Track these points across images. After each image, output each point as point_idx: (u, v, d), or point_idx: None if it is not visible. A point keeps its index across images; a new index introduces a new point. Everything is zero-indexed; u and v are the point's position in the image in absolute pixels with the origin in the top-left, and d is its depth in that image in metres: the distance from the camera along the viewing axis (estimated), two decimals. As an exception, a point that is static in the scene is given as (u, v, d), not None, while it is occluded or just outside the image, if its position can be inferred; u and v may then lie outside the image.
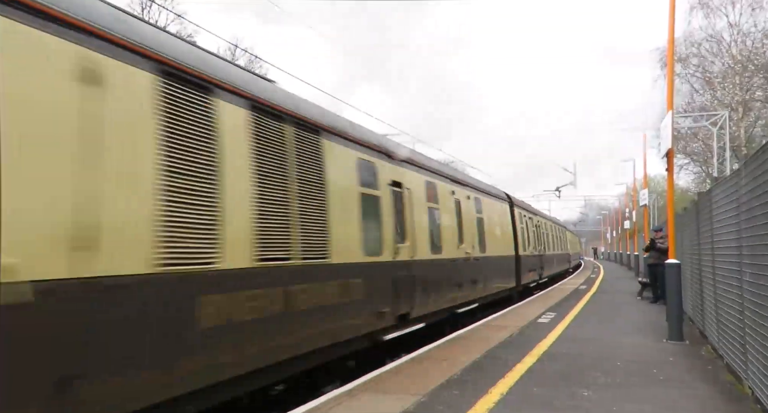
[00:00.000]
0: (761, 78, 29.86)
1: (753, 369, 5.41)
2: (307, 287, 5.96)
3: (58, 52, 3.56)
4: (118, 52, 3.98)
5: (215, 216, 4.68)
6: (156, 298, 4.11)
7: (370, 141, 8.08)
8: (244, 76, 5.61)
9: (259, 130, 5.42)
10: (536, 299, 17.19)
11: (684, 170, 38.19)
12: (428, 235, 9.70)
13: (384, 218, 8.01)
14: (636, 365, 7.35)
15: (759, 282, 5.03)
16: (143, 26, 4.54)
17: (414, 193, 9.23)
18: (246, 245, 5.05)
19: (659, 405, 5.53)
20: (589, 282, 25.20)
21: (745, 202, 5.52)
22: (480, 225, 13.17)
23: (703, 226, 8.51)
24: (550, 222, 28.10)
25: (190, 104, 4.58)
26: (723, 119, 27.04)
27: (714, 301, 7.83)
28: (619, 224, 50.67)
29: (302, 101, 6.60)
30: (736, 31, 30.78)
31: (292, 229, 5.73)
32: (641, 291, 17.52)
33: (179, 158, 4.37)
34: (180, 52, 4.66)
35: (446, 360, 7.69)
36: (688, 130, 32.49)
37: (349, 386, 6.28)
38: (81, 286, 3.55)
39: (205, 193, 4.61)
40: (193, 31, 32.50)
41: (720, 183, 7.32)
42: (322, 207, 6.35)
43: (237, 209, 4.94)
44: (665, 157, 9.56)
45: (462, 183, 12.54)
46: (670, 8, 9.43)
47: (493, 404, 5.51)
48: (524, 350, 8.34)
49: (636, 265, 28.33)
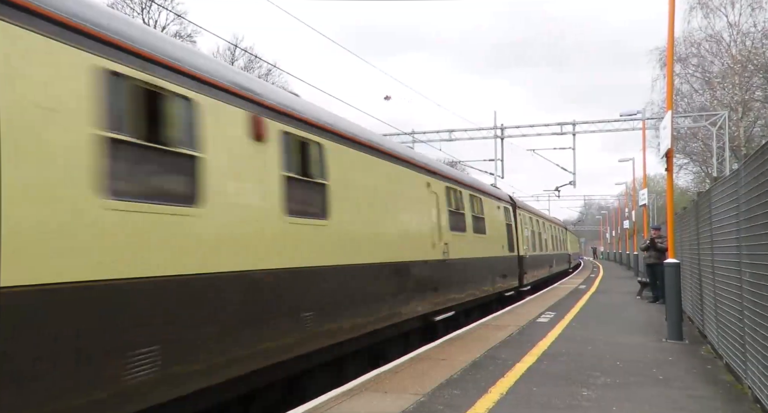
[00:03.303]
0: (761, 78, 29.88)
1: (752, 369, 5.41)
2: (484, 266, 13.49)
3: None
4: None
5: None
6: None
7: (498, 194, 16.48)
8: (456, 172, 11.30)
9: (453, 195, 11.50)
10: (536, 299, 17.19)
11: (683, 170, 38.27)
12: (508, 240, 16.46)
13: (509, 234, 16.77)
14: (635, 365, 7.36)
15: (758, 282, 5.04)
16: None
17: (523, 219, 19.23)
18: (471, 248, 12.31)
19: (659, 404, 5.54)
20: (589, 282, 25.22)
21: (745, 201, 5.53)
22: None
23: (703, 226, 8.52)
24: (549, 222, 28.21)
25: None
26: (722, 119, 27.05)
27: (713, 301, 7.84)
28: (618, 224, 50.73)
29: (474, 180, 13.98)
30: (735, 31, 30.81)
31: (481, 243, 13.23)
32: (641, 290, 17.55)
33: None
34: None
35: (446, 359, 7.69)
36: (687, 130, 32.52)
37: (348, 386, 6.28)
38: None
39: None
40: (193, 31, 32.49)
41: (719, 183, 7.33)
42: (484, 230, 13.68)
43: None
44: (665, 156, 9.57)
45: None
46: (670, 8, 9.44)
47: (493, 404, 5.51)
48: (524, 349, 8.35)
49: (635, 265, 28.36)
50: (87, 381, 3.54)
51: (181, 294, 4.28)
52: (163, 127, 4.31)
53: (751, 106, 30.88)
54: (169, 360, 4.07)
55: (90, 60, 3.79)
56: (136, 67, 4.13)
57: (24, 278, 3.22)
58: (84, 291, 3.55)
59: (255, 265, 5.14)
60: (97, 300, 3.65)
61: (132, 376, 3.78)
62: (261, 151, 5.43)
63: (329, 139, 6.76)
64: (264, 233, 5.33)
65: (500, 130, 29.76)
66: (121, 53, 4.02)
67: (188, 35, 32.66)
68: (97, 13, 3.99)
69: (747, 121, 30.96)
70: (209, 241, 4.61)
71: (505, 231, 16.18)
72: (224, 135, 4.98)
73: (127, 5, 31.96)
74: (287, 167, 5.81)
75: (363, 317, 7.20)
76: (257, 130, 5.39)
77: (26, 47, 3.40)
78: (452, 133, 30.19)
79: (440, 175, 10.89)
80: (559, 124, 29.34)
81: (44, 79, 3.48)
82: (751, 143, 29.67)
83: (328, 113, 7.24)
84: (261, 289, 5.24)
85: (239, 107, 5.24)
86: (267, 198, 5.46)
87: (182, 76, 4.57)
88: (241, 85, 5.34)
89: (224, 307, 4.73)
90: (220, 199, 4.78)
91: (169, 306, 4.16)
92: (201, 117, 4.71)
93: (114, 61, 3.95)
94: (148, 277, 3.97)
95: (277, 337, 5.41)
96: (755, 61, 29.18)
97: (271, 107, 5.74)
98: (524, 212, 19.91)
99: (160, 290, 4.07)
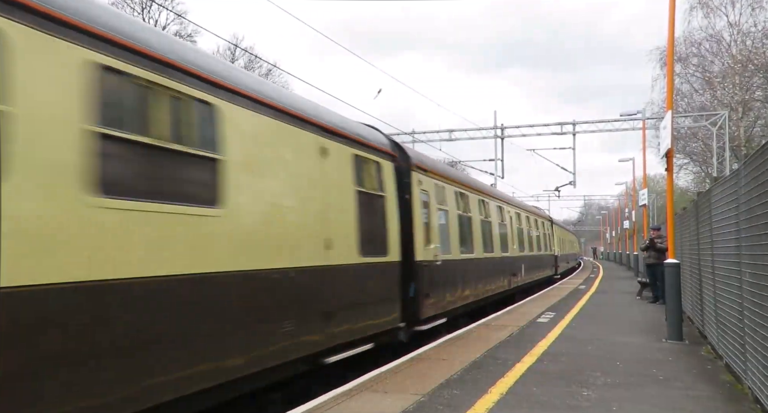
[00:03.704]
0: (761, 78, 29.85)
1: (752, 369, 5.41)
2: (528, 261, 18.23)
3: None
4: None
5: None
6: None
7: (539, 211, 21.72)
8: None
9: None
10: (536, 299, 17.19)
11: (683, 170, 38.25)
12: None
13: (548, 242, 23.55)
14: (636, 365, 7.36)
15: (758, 282, 5.04)
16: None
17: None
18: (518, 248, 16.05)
19: (659, 405, 5.53)
20: (589, 282, 25.22)
21: (745, 201, 5.52)
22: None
23: (703, 226, 8.52)
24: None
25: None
26: (722, 119, 27.04)
27: (713, 301, 7.84)
28: (618, 224, 50.74)
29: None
30: (735, 31, 30.79)
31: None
32: (640, 291, 17.55)
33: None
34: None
35: (446, 359, 7.69)
36: (687, 130, 32.50)
37: (348, 386, 6.28)
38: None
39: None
40: (193, 31, 32.49)
41: (719, 183, 7.32)
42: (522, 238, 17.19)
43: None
44: (665, 156, 9.57)
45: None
46: (670, 8, 9.44)
47: (493, 403, 5.51)
48: (524, 350, 8.35)
49: (635, 265, 28.36)
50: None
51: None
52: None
53: (752, 106, 30.86)
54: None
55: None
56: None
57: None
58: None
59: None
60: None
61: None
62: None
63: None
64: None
65: (500, 129, 29.76)
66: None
67: (188, 35, 32.68)
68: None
69: (747, 121, 30.94)
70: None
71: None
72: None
73: (128, 5, 32.00)
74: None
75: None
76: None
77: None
78: (452, 133, 30.20)
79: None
80: (559, 124, 29.34)
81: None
82: (751, 143, 29.65)
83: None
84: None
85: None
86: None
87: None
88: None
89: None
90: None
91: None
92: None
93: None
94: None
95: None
96: (755, 60, 29.15)
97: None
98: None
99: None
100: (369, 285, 7.55)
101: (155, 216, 4.21)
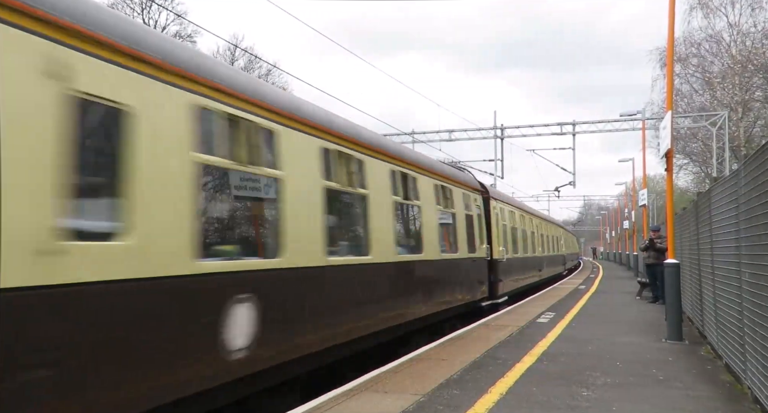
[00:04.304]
0: (761, 78, 29.87)
1: (752, 369, 5.42)
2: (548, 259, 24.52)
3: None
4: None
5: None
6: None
7: (556, 221, 30.16)
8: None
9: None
10: (536, 299, 17.20)
11: (683, 170, 38.26)
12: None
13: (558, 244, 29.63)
14: (635, 365, 7.36)
15: (758, 282, 5.04)
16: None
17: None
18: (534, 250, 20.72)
19: (658, 405, 5.54)
20: (588, 282, 25.23)
21: (744, 202, 5.53)
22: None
23: (702, 226, 8.52)
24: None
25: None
26: (722, 119, 27.05)
27: (713, 301, 7.84)
28: (618, 224, 50.73)
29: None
30: (735, 31, 30.81)
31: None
32: (640, 291, 17.55)
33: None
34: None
35: (445, 359, 7.70)
36: (687, 131, 32.51)
37: (348, 386, 6.28)
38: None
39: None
40: (193, 31, 32.49)
41: (719, 183, 7.33)
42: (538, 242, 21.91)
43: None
44: (665, 157, 9.57)
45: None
46: (670, 8, 9.45)
47: (493, 403, 5.51)
48: (524, 350, 8.35)
49: (635, 265, 28.37)
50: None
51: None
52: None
53: (751, 106, 30.88)
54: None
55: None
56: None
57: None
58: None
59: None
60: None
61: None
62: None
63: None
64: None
65: (500, 130, 29.77)
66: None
67: (188, 35, 32.68)
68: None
69: (747, 121, 30.96)
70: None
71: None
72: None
73: (127, 5, 31.99)
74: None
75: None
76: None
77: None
78: (452, 133, 30.20)
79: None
80: (558, 124, 29.35)
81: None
82: (751, 143, 29.66)
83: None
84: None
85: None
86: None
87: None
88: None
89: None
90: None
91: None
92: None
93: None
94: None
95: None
96: (755, 61, 29.16)
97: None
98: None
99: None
100: (472, 272, 12.34)
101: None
